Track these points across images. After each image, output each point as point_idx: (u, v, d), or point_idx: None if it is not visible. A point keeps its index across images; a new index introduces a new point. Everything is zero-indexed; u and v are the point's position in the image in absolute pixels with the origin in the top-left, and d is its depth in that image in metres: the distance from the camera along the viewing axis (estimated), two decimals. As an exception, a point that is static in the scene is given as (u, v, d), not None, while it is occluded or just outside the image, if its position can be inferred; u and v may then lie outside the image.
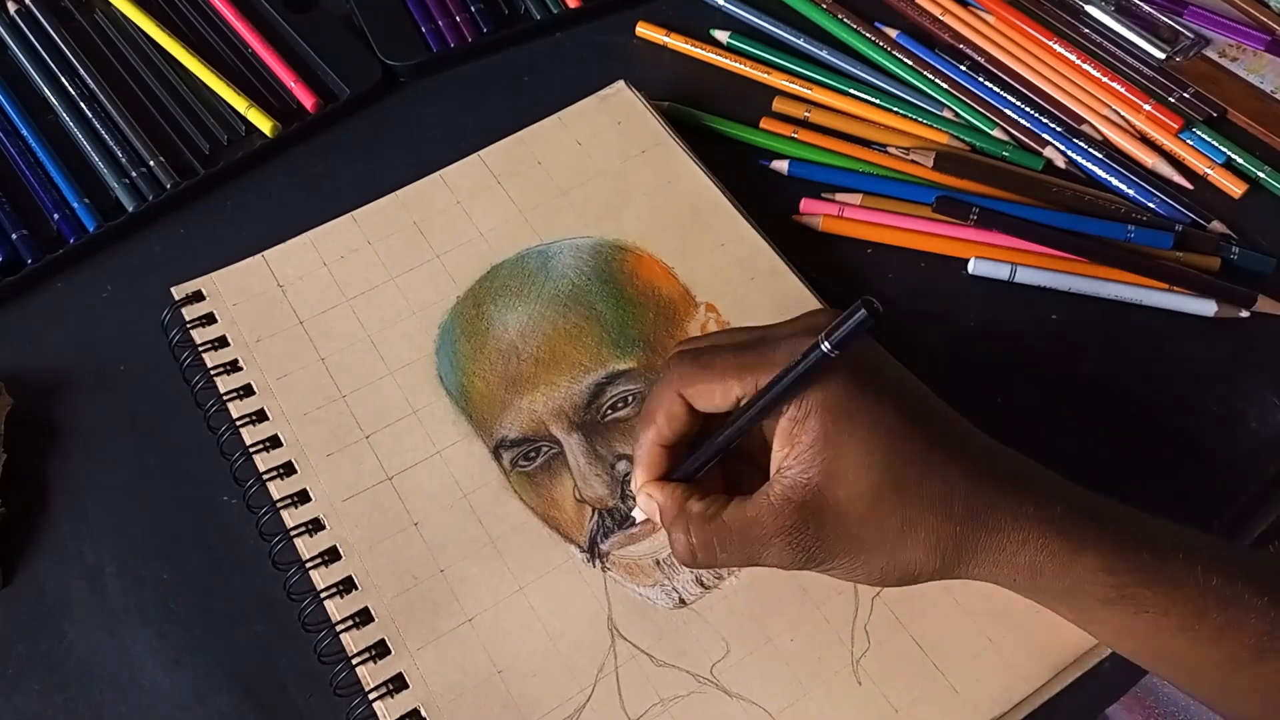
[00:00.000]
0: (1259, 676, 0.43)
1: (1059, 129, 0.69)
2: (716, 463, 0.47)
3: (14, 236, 0.63)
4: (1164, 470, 0.57)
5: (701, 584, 0.51)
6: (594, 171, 0.64)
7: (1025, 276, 0.62)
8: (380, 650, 0.49)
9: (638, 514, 0.49)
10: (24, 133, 0.67)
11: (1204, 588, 0.43)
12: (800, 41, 0.73)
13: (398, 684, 0.49)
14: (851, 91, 0.71)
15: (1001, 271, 0.62)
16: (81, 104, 0.68)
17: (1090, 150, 0.68)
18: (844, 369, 0.43)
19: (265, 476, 0.54)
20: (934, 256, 0.64)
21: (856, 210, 0.65)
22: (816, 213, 0.65)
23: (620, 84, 0.68)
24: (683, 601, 0.51)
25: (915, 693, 0.48)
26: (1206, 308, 0.61)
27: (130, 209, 0.64)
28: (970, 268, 0.63)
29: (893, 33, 0.74)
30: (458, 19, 0.73)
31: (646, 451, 0.48)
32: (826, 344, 0.41)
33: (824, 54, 0.73)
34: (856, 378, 0.44)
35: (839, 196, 0.65)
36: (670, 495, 0.47)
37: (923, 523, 0.43)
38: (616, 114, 0.67)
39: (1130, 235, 0.64)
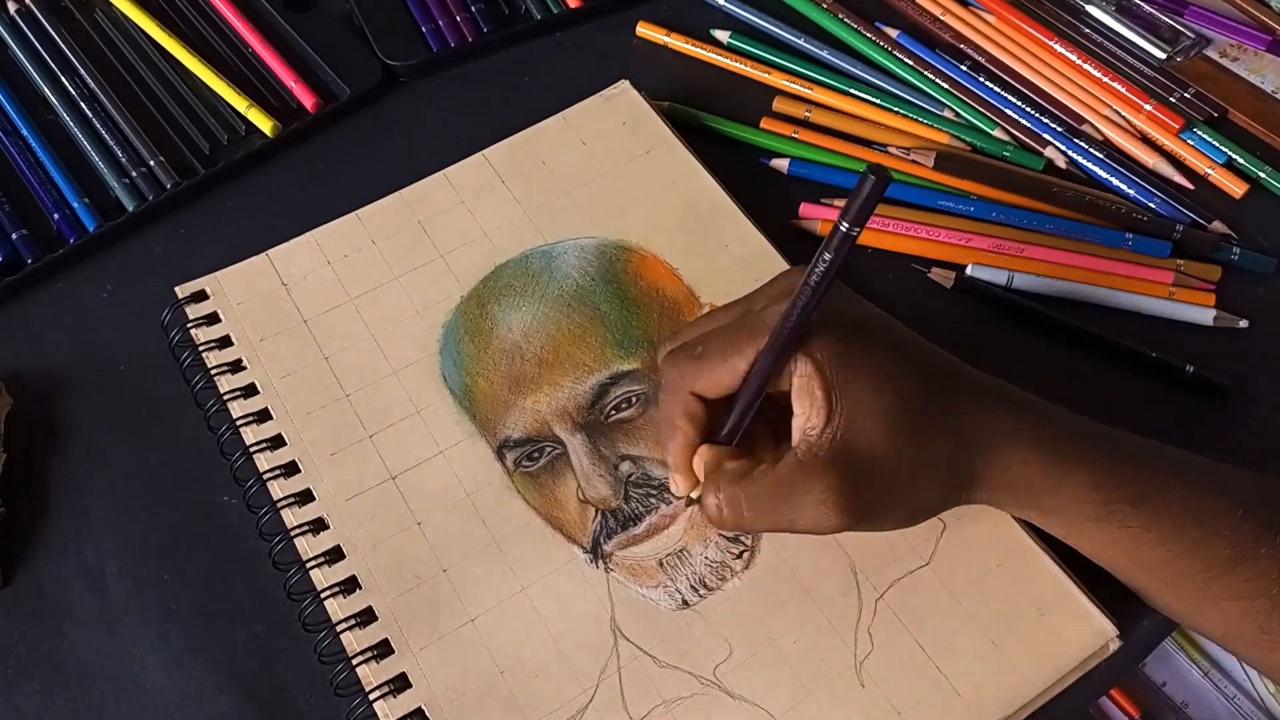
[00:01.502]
0: (1230, 585, 0.46)
1: (1060, 129, 0.69)
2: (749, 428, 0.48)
3: (14, 236, 0.62)
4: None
5: (704, 585, 0.51)
6: (599, 171, 0.64)
7: (1022, 282, 0.62)
8: (383, 650, 0.49)
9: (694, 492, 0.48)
10: (24, 133, 0.67)
11: (1184, 503, 0.46)
12: (800, 41, 0.73)
13: (400, 684, 0.48)
14: (852, 91, 0.71)
15: (999, 277, 0.62)
16: (81, 104, 0.68)
17: (1091, 150, 0.68)
18: (835, 324, 0.45)
19: (267, 476, 0.54)
20: (932, 261, 0.64)
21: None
22: (815, 217, 0.65)
23: (624, 84, 0.68)
24: (685, 603, 0.50)
25: (918, 695, 0.48)
26: (1205, 316, 0.61)
27: (130, 209, 0.64)
28: (968, 272, 0.63)
29: (893, 32, 0.74)
30: (458, 19, 0.73)
31: (680, 458, 0.48)
32: (845, 224, 0.41)
33: (824, 54, 0.73)
34: (849, 329, 0.45)
35: (838, 202, 0.65)
36: (707, 456, 0.47)
37: (941, 454, 0.45)
38: (621, 114, 0.67)
39: (1129, 243, 0.63)
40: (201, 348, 0.58)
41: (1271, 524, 0.46)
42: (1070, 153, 0.68)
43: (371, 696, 0.48)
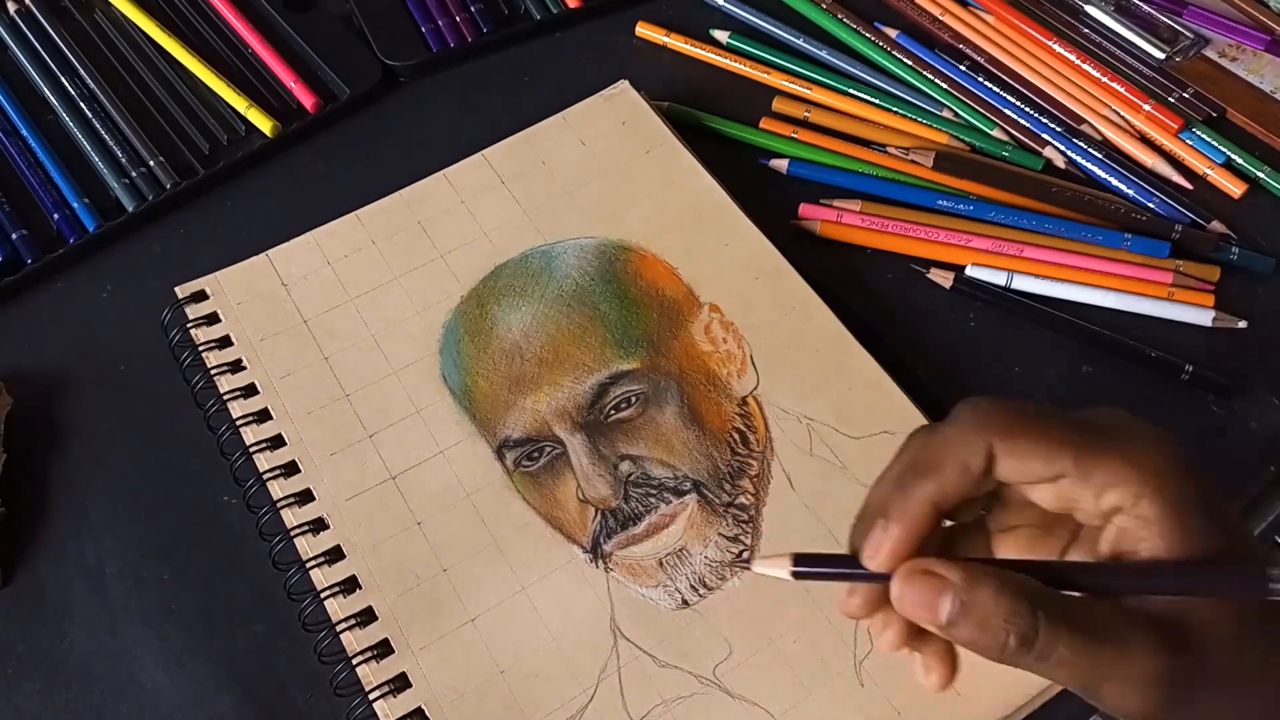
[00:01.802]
0: None
1: (1059, 129, 0.69)
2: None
3: (14, 236, 0.62)
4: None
5: (704, 584, 0.51)
6: (598, 171, 0.64)
7: (1021, 283, 0.62)
8: (383, 650, 0.49)
9: (910, 600, 0.36)
10: (24, 133, 0.67)
11: None
12: (800, 41, 0.74)
13: (400, 684, 0.48)
14: (851, 91, 0.71)
15: (998, 278, 0.62)
16: (81, 104, 0.68)
17: (1090, 150, 0.68)
18: (1184, 457, 0.36)
19: (267, 476, 0.54)
20: (932, 262, 0.64)
21: (854, 216, 0.65)
22: (814, 218, 0.65)
23: (624, 84, 0.68)
24: (685, 602, 0.50)
25: (918, 695, 0.48)
26: (1204, 317, 0.61)
27: (130, 209, 0.64)
28: (967, 273, 0.63)
29: (893, 33, 0.74)
30: (458, 19, 0.73)
31: (914, 512, 0.36)
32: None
33: (824, 54, 0.73)
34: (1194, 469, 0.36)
35: (837, 202, 0.65)
36: (979, 569, 0.35)
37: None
38: (621, 114, 0.67)
39: (1127, 244, 0.64)
40: (201, 348, 0.58)
41: None
42: (1069, 153, 0.68)
43: (371, 696, 0.48)
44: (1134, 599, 0.34)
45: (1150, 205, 0.66)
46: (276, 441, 0.55)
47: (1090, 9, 0.76)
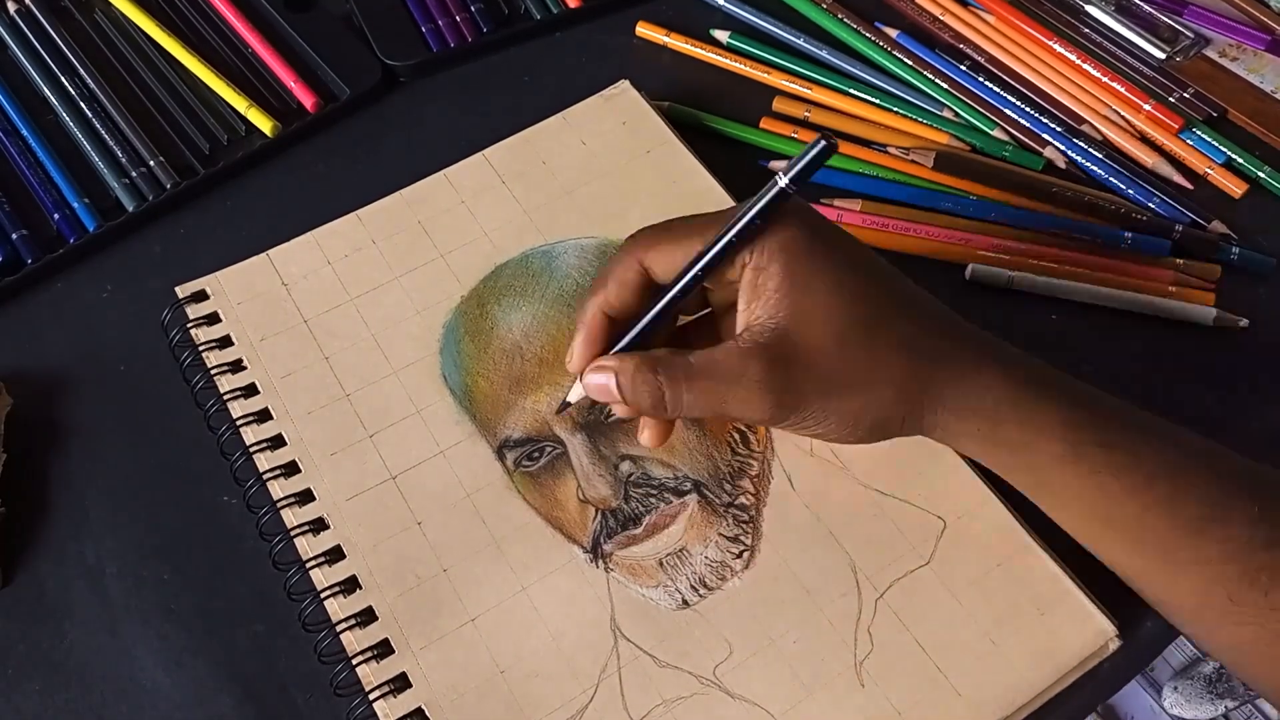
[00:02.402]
0: (1200, 547, 0.44)
1: (1059, 129, 0.69)
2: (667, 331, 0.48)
3: (14, 236, 0.62)
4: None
5: (704, 585, 0.51)
6: (599, 172, 0.64)
7: (1023, 282, 0.62)
8: (383, 650, 0.49)
9: (573, 395, 0.49)
10: (24, 133, 0.67)
11: (1157, 457, 0.45)
12: (800, 41, 0.74)
13: (400, 684, 0.48)
14: (851, 91, 0.71)
15: (999, 277, 0.62)
16: (81, 104, 0.68)
17: (1090, 150, 0.68)
18: (796, 218, 0.44)
19: (267, 476, 0.54)
20: (933, 261, 0.64)
21: (855, 215, 0.65)
22: (816, 213, 0.65)
23: (625, 84, 0.68)
24: (685, 602, 0.51)
25: (918, 695, 0.48)
26: (1205, 315, 0.61)
27: (130, 209, 0.64)
28: (968, 273, 0.63)
29: (893, 33, 0.74)
30: (458, 19, 0.73)
31: (589, 320, 0.47)
32: (784, 178, 0.42)
33: (824, 54, 0.73)
34: (811, 225, 0.45)
35: (838, 202, 0.65)
36: (629, 357, 0.46)
37: (892, 361, 0.44)
38: (621, 114, 0.67)
39: (1128, 242, 0.64)
40: (201, 348, 0.58)
41: (1245, 489, 0.45)
42: (1070, 153, 0.68)
43: (371, 696, 0.48)
44: (749, 336, 0.44)
45: (1151, 205, 0.66)
46: (277, 441, 0.55)
47: (1091, 9, 0.76)
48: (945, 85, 0.71)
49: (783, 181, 0.42)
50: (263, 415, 0.56)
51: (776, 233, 0.44)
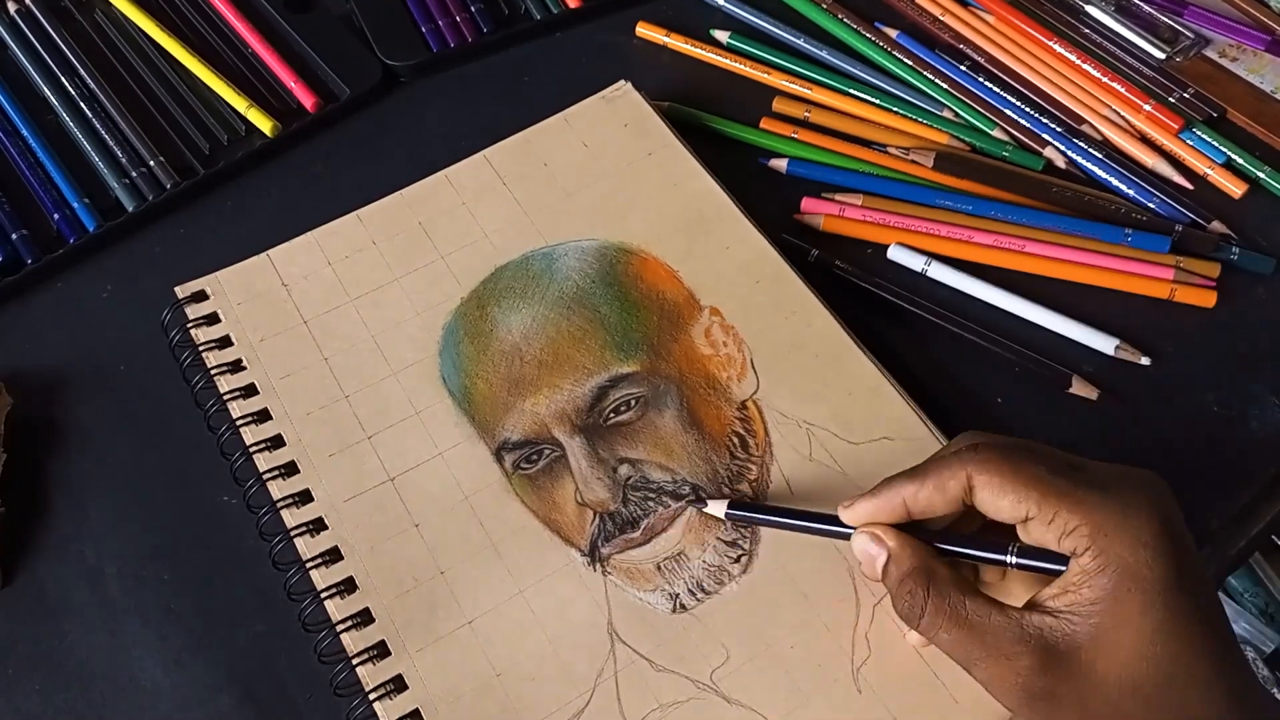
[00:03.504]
0: None
1: (1059, 129, 0.69)
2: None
3: (14, 236, 0.63)
4: (1164, 470, 0.57)
5: (702, 589, 0.51)
6: (600, 173, 0.64)
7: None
8: (380, 651, 0.49)
9: (859, 546, 0.46)
10: (24, 133, 0.67)
11: None
12: (800, 41, 0.74)
13: (397, 685, 0.49)
14: (851, 91, 0.71)
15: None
16: (81, 104, 0.68)
17: (1090, 150, 0.68)
18: (1163, 540, 0.40)
19: (266, 476, 0.54)
20: (935, 257, 0.64)
21: (857, 210, 0.65)
22: (818, 212, 0.65)
23: (626, 85, 0.68)
24: (683, 607, 0.50)
25: (915, 702, 0.48)
26: (1107, 345, 0.61)
27: (130, 209, 0.64)
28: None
29: (893, 33, 0.74)
30: (458, 19, 0.73)
31: (890, 497, 0.45)
32: (1013, 558, 0.42)
33: (824, 54, 0.73)
34: (1172, 555, 0.40)
35: (839, 196, 0.65)
36: (911, 546, 0.44)
37: None
38: (623, 115, 0.67)
39: (1128, 239, 0.64)
40: (201, 348, 0.58)
41: None
42: (1069, 153, 0.68)
43: (371, 697, 0.48)
44: (1037, 623, 0.41)
45: (1150, 205, 0.66)
46: (276, 442, 0.55)
47: (1091, 9, 0.76)
48: (945, 85, 0.71)
49: (1011, 560, 0.42)
50: (262, 415, 0.56)
51: (1126, 549, 0.40)
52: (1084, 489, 0.41)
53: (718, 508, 0.51)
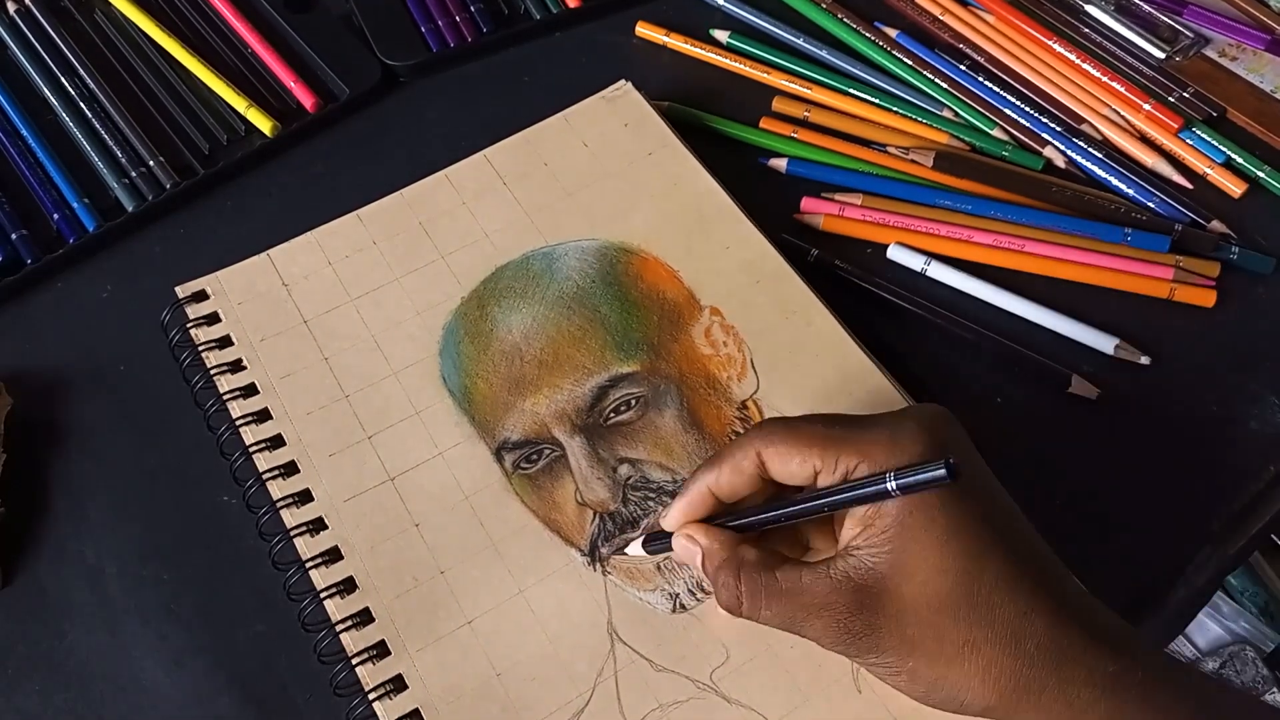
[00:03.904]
0: None
1: (1059, 129, 0.69)
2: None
3: (14, 236, 0.63)
4: (1164, 469, 0.57)
5: (702, 589, 0.51)
6: (601, 173, 0.64)
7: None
8: (380, 651, 0.49)
9: (631, 550, 0.51)
10: (24, 133, 0.67)
11: None
12: (800, 41, 0.74)
13: (397, 685, 0.49)
14: (851, 91, 0.71)
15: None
16: (81, 104, 0.68)
17: (1090, 150, 0.68)
18: (936, 455, 0.41)
19: (266, 476, 0.54)
20: (935, 256, 0.64)
21: (856, 210, 0.65)
22: (818, 212, 0.65)
23: (626, 85, 0.68)
24: (683, 606, 0.51)
25: (915, 702, 0.48)
26: (1107, 344, 0.61)
27: (130, 209, 0.64)
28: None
29: (892, 32, 0.74)
30: (458, 19, 0.73)
31: (695, 492, 0.46)
32: (893, 483, 0.40)
33: (824, 54, 0.73)
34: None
35: (839, 196, 0.66)
36: (719, 540, 0.45)
37: (987, 649, 0.40)
38: (624, 115, 0.67)
39: (1128, 238, 0.64)
40: (201, 348, 0.58)
41: None
42: (1069, 152, 0.68)
43: (371, 697, 0.48)
44: (843, 568, 0.42)
45: (1150, 205, 0.66)
46: (276, 442, 0.55)
47: (1090, 9, 0.76)
48: (945, 85, 0.71)
49: (890, 485, 0.40)
50: (262, 415, 0.56)
51: (895, 449, 0.42)
52: (857, 431, 0.43)
53: (635, 548, 0.51)
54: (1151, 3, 0.76)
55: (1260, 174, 0.68)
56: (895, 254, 0.64)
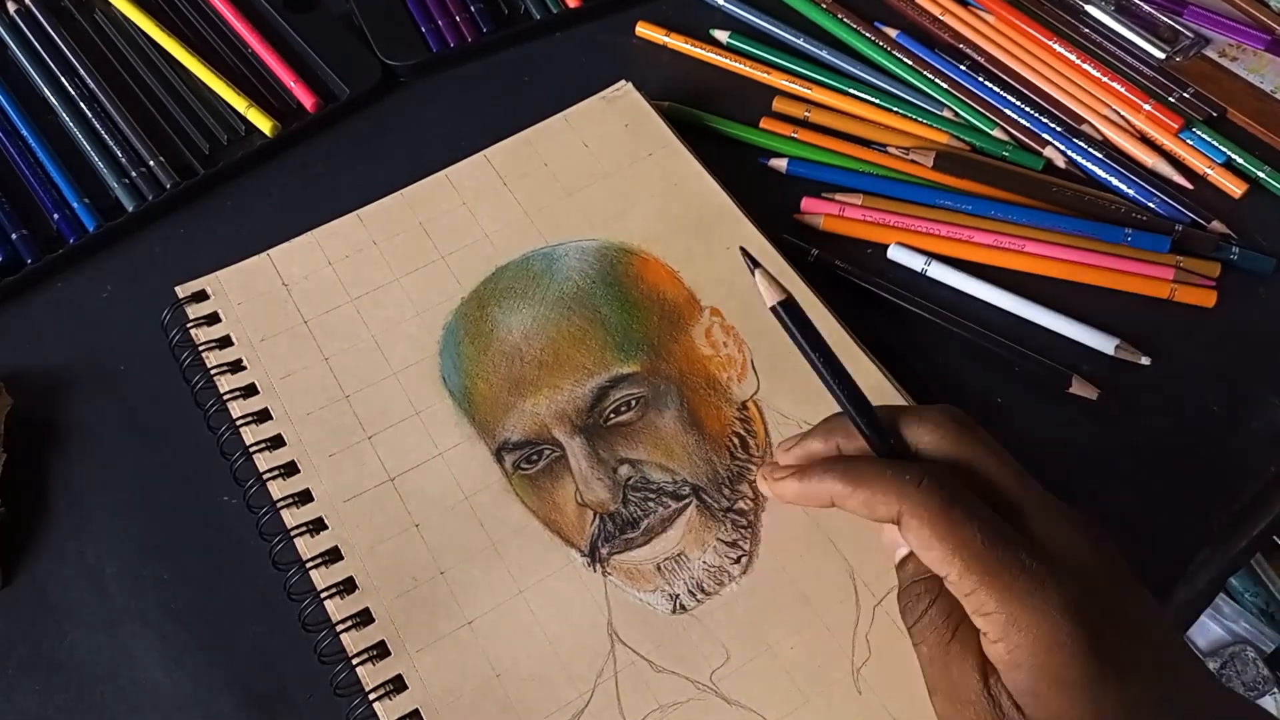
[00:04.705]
0: None
1: (1059, 129, 0.69)
2: None
3: (14, 236, 0.63)
4: (1164, 469, 0.57)
5: (702, 590, 0.51)
6: (601, 174, 0.64)
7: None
8: (380, 651, 0.49)
9: (889, 537, 0.46)
10: (24, 133, 0.67)
11: None
12: (800, 41, 0.74)
13: (397, 685, 0.49)
14: (851, 91, 0.71)
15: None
16: (81, 104, 0.68)
17: (1090, 150, 0.68)
18: (1079, 637, 0.38)
19: (266, 476, 0.54)
20: (935, 256, 0.64)
21: (857, 210, 0.65)
22: (818, 212, 0.65)
23: (626, 85, 0.68)
24: (683, 607, 0.50)
25: (915, 703, 0.48)
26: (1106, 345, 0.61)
27: (130, 209, 0.64)
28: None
29: (893, 32, 0.74)
30: (458, 19, 0.73)
31: (817, 489, 0.45)
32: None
33: (824, 54, 0.73)
34: (1092, 653, 0.38)
35: (839, 196, 0.65)
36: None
37: None
38: (624, 115, 0.67)
39: (1128, 238, 0.64)
40: (201, 348, 0.58)
41: None
42: (1069, 153, 0.68)
43: (371, 697, 0.48)
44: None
45: (1150, 205, 0.66)
46: (276, 442, 0.55)
47: (1090, 9, 0.76)
48: (945, 85, 0.71)
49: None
50: (262, 415, 0.56)
51: (1047, 649, 0.38)
52: (1011, 571, 0.39)
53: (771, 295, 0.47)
54: (1151, 3, 0.76)
55: (1260, 174, 0.68)
56: (895, 254, 0.64)
